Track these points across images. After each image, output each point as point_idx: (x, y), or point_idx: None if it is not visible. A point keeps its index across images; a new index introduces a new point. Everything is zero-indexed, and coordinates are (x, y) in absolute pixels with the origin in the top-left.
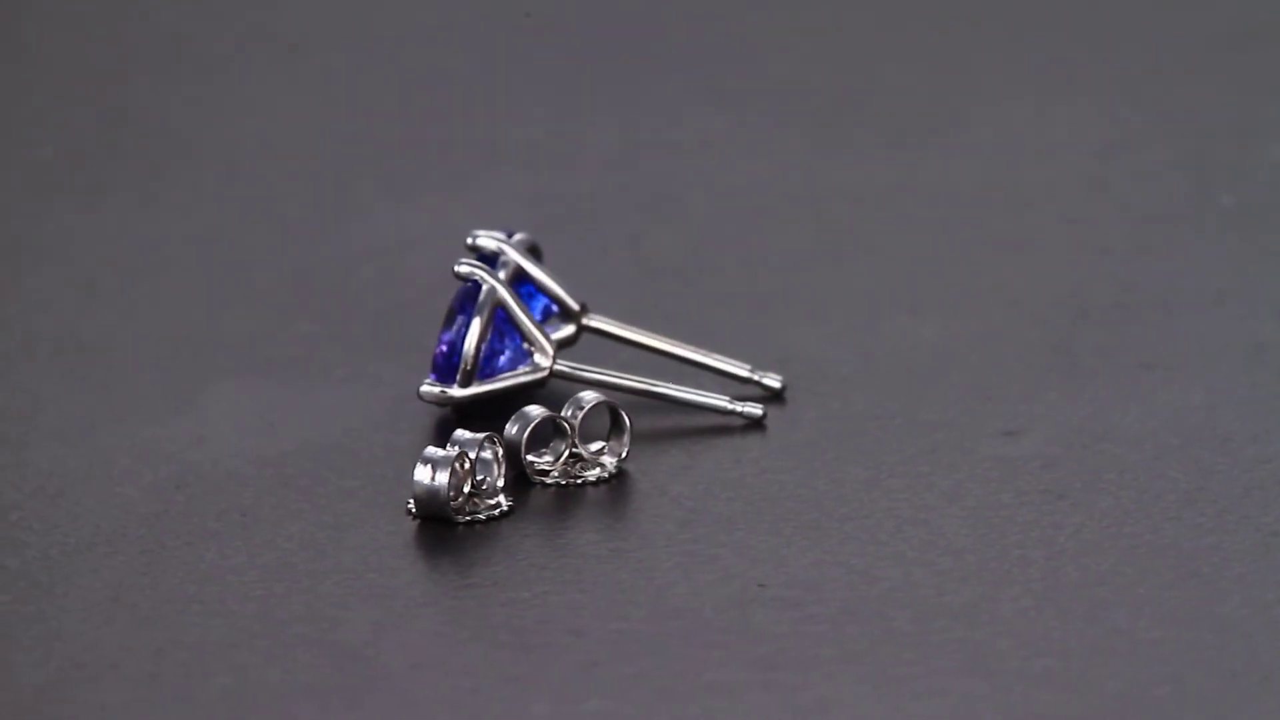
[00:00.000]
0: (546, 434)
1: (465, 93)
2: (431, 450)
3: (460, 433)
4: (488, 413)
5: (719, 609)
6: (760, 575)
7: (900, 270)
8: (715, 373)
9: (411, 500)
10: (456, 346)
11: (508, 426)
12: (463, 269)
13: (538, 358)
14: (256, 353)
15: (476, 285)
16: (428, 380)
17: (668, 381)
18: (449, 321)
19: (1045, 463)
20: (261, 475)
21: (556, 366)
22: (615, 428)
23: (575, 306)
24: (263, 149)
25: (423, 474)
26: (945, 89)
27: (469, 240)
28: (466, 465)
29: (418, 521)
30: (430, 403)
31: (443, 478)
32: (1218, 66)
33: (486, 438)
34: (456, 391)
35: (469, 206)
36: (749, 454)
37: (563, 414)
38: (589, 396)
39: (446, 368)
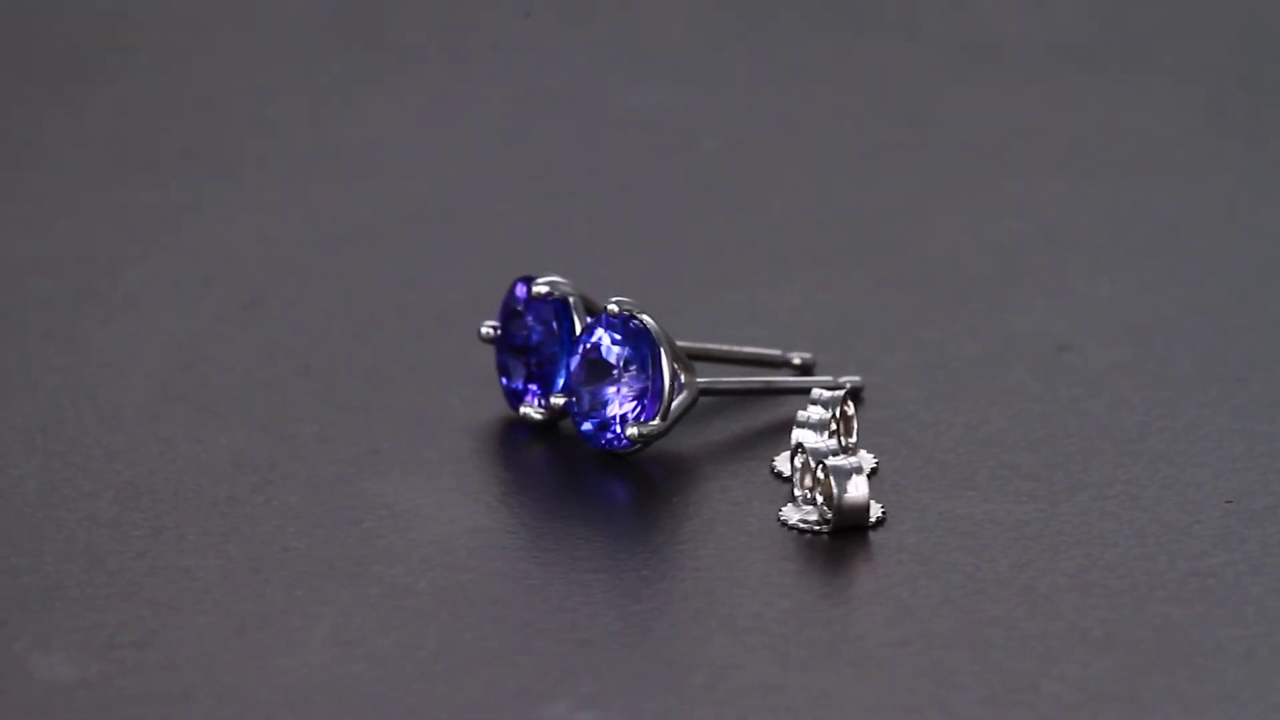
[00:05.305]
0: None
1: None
2: (840, 462)
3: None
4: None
5: (1255, 524)
6: (1190, 502)
7: (643, 251)
8: (748, 362)
9: (824, 514)
10: (660, 383)
11: (805, 438)
12: (618, 308)
13: (685, 378)
14: (323, 459)
15: (558, 329)
16: (638, 423)
17: (764, 375)
18: (597, 366)
19: (1158, 362)
20: (634, 539)
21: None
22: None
23: None
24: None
25: (856, 487)
26: None
27: (535, 289)
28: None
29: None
30: (642, 441)
31: (865, 489)
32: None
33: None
34: (660, 425)
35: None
36: (927, 421)
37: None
38: (827, 394)
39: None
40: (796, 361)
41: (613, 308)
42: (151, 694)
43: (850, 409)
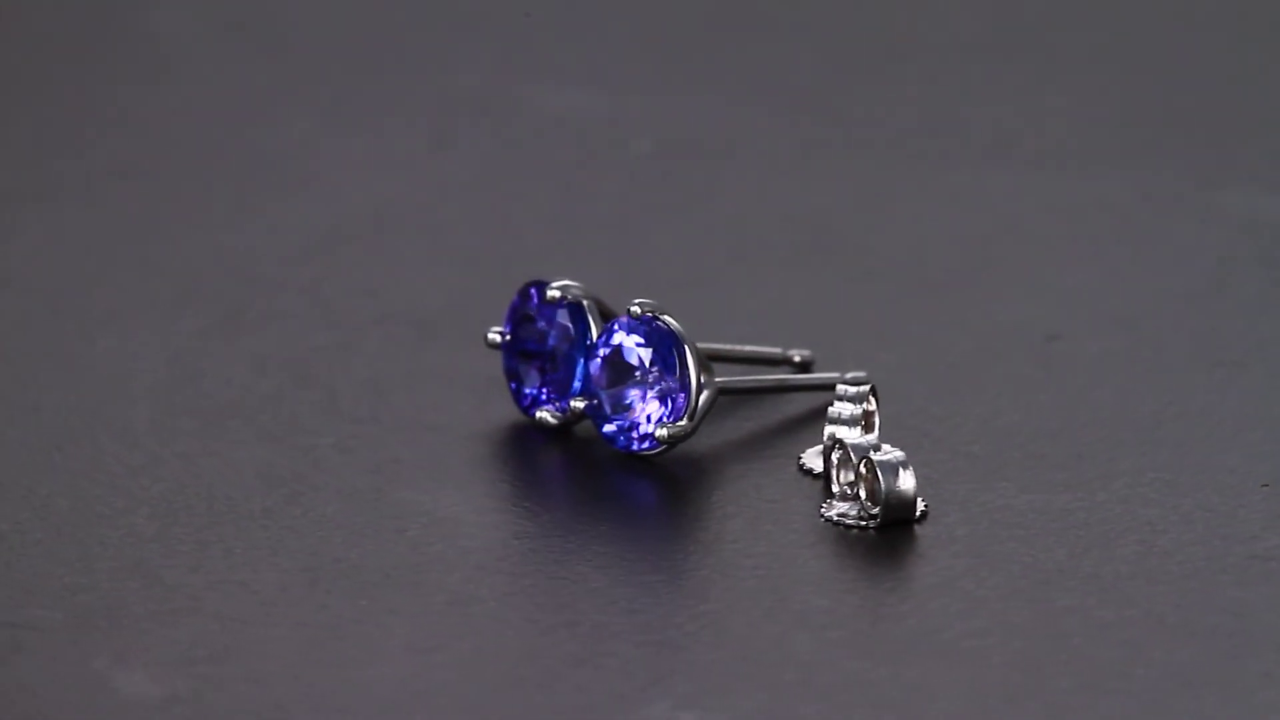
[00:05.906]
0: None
1: None
2: (887, 456)
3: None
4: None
5: None
6: (1227, 487)
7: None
8: (748, 360)
9: (870, 508)
10: (687, 383)
11: (843, 434)
12: (640, 309)
13: (705, 378)
14: (348, 470)
15: (579, 332)
16: (666, 424)
17: (773, 373)
18: (619, 368)
19: (1154, 348)
20: (684, 540)
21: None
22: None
23: None
24: None
25: (904, 480)
26: None
27: (549, 293)
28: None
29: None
30: (670, 441)
31: (912, 482)
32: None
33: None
34: (688, 426)
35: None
36: (941, 415)
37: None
38: (851, 390)
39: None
40: (797, 359)
41: (635, 309)
42: (245, 708)
43: (872, 405)
